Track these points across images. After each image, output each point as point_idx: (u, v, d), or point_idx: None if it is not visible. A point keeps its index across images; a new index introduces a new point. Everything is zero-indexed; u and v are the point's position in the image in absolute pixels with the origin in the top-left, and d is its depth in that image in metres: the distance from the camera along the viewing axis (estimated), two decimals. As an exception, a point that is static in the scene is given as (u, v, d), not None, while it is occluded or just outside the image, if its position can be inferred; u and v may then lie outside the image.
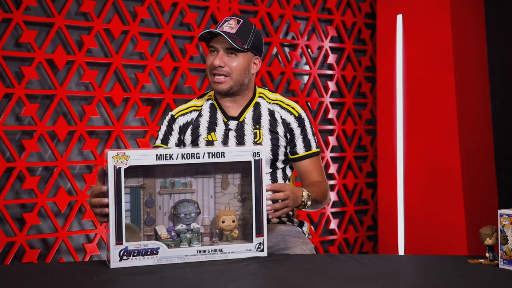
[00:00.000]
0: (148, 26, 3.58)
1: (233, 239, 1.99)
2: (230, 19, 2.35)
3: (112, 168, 1.85)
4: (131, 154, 1.87)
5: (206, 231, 2.01)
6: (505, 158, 3.85)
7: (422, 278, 1.80)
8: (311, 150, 2.44)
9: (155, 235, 1.96)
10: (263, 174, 1.96)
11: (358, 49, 4.32)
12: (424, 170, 3.88)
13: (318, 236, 4.04)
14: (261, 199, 1.96)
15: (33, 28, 3.24)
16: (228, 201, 2.03)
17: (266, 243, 1.97)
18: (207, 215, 2.01)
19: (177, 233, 1.96)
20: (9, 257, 3.12)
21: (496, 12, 3.90)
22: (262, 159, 1.96)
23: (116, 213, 1.86)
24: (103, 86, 3.40)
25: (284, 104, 2.45)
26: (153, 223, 1.97)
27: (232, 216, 1.99)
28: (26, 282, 1.76)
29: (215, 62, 2.33)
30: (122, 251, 1.86)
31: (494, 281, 1.75)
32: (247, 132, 2.39)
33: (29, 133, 3.23)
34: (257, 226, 1.96)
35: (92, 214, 3.33)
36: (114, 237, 1.85)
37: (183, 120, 2.45)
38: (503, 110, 3.88)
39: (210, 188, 2.02)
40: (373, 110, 4.34)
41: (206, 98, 2.49)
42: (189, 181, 2.00)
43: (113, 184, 1.85)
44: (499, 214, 1.88)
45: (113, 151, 1.86)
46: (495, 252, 1.94)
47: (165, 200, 1.99)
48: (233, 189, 2.03)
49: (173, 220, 1.98)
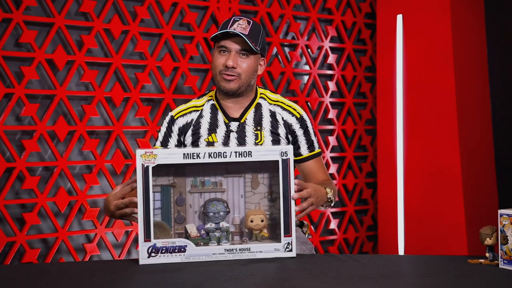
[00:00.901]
0: (148, 26, 3.58)
1: (262, 238, 2.01)
2: (240, 19, 2.32)
3: (140, 166, 1.88)
4: (159, 153, 1.90)
5: (237, 230, 2.03)
6: (505, 158, 3.85)
7: (422, 278, 1.80)
8: (314, 150, 2.44)
9: (185, 233, 1.99)
10: (291, 173, 1.97)
11: (358, 49, 4.32)
12: (424, 170, 3.88)
13: (318, 236, 4.04)
14: (289, 199, 1.97)
15: (33, 28, 3.24)
16: (258, 200, 2.04)
17: (294, 243, 1.98)
18: (237, 214, 2.03)
19: (207, 231, 1.99)
20: (9, 257, 3.12)
21: (496, 12, 3.90)
22: (290, 158, 1.97)
23: (144, 211, 1.89)
24: (103, 86, 3.40)
25: (285, 105, 2.44)
26: (183, 221, 2.00)
27: (260, 216, 2.00)
28: (26, 282, 1.76)
29: (228, 62, 2.29)
30: (150, 248, 1.89)
31: (494, 281, 1.75)
32: (248, 133, 2.38)
33: (29, 133, 3.23)
34: (285, 226, 1.97)
35: (92, 214, 3.33)
36: (143, 234, 1.89)
37: (183, 121, 2.42)
38: (503, 110, 3.88)
39: (240, 188, 2.04)
40: (373, 110, 4.34)
41: (207, 98, 2.46)
42: (219, 180, 2.03)
43: (142, 182, 1.89)
44: (499, 214, 1.88)
45: (141, 150, 1.89)
46: (495, 252, 1.94)
47: (195, 199, 2.02)
48: (263, 189, 2.04)
49: (203, 219, 2.00)
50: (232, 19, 2.32)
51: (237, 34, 2.27)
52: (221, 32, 2.29)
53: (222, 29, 2.30)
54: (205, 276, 1.78)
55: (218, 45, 2.33)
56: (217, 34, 2.30)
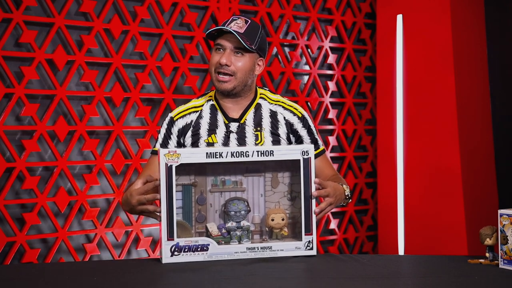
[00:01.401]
0: (148, 26, 3.58)
1: (283, 237, 2.02)
2: (238, 18, 2.33)
3: (164, 165, 1.91)
4: (182, 152, 1.93)
5: (256, 229, 2.05)
6: (505, 158, 3.85)
7: (422, 278, 1.81)
8: (319, 148, 2.45)
9: (206, 232, 2.01)
10: (312, 173, 1.99)
11: (358, 49, 4.32)
12: (424, 170, 3.88)
13: (318, 236, 4.04)
14: (310, 198, 1.99)
15: (33, 28, 3.24)
16: (278, 199, 2.06)
17: (315, 242, 1.99)
18: (257, 213, 2.05)
19: (227, 230, 2.01)
20: (9, 257, 3.12)
21: (496, 12, 3.90)
22: (311, 157, 2.00)
23: (168, 210, 1.91)
24: (103, 86, 3.40)
25: (286, 105, 2.44)
26: (204, 220, 2.02)
27: (281, 214, 2.02)
28: (26, 282, 1.76)
29: (221, 60, 2.30)
30: (173, 247, 1.92)
31: (494, 281, 1.75)
32: (248, 134, 2.37)
33: (29, 133, 3.23)
34: (306, 225, 1.99)
35: (92, 214, 3.33)
36: (166, 233, 1.91)
37: (183, 123, 2.40)
38: (503, 110, 3.88)
39: (260, 187, 2.06)
40: (373, 110, 4.34)
41: (206, 98, 2.45)
42: (239, 180, 2.05)
43: (165, 181, 1.91)
44: (499, 214, 1.88)
45: (165, 149, 1.92)
46: (495, 252, 1.94)
47: (216, 198, 2.04)
48: (283, 188, 2.06)
49: (224, 218, 2.02)
50: (231, 18, 2.34)
51: (232, 33, 2.28)
52: (216, 29, 2.30)
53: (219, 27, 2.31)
54: (205, 275, 1.78)
55: (215, 43, 2.36)
56: (211, 31, 2.31)
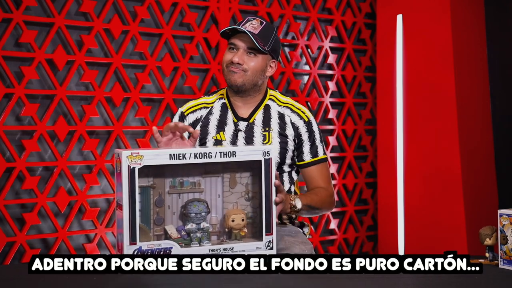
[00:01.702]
0: (148, 26, 3.58)
1: (241, 237, 2.01)
2: (253, 19, 2.33)
3: (126, 168, 1.85)
4: (145, 154, 1.87)
5: (214, 230, 2.02)
6: (505, 158, 3.85)
7: (422, 278, 1.80)
8: (317, 156, 2.41)
9: (165, 234, 1.97)
10: (272, 173, 1.98)
11: (358, 49, 4.32)
12: (424, 170, 3.88)
13: (318, 236, 4.04)
14: (271, 198, 1.98)
15: (33, 28, 3.24)
16: (235, 200, 2.04)
17: (275, 241, 1.98)
18: (215, 214, 2.02)
19: (188, 232, 1.97)
20: (9, 257, 3.12)
21: (496, 12, 3.90)
22: (272, 158, 1.98)
23: (130, 214, 1.86)
24: (103, 86, 3.40)
25: (294, 108, 2.43)
26: (162, 222, 1.98)
27: (241, 215, 2.00)
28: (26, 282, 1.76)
29: (234, 58, 2.31)
30: (135, 251, 1.86)
31: (494, 281, 1.75)
32: (256, 133, 2.37)
33: (29, 133, 3.23)
34: (266, 225, 1.97)
35: (92, 214, 3.33)
36: (128, 237, 1.86)
37: (193, 118, 2.42)
38: (503, 110, 3.88)
39: (218, 187, 2.03)
40: (373, 110, 4.34)
41: (218, 96, 2.46)
42: (197, 181, 2.01)
43: (127, 184, 1.85)
44: (499, 214, 1.88)
45: (127, 151, 1.85)
46: (495, 252, 1.94)
47: (174, 200, 1.99)
48: (240, 188, 2.04)
49: (183, 220, 1.99)
50: (246, 19, 2.34)
51: (246, 33, 2.28)
52: (230, 28, 2.31)
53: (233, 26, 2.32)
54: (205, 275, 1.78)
55: (228, 42, 2.36)
56: (225, 30, 2.31)
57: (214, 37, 3.72)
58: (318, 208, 2.33)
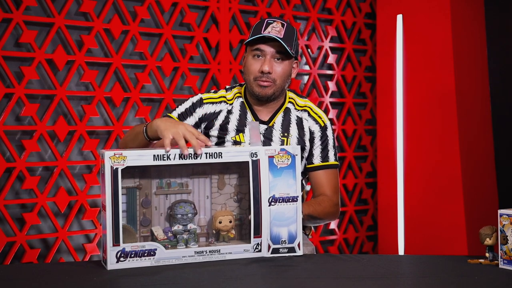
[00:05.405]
0: (148, 26, 3.58)
1: (229, 239, 1.98)
2: (273, 22, 2.23)
3: (109, 168, 1.83)
4: (128, 155, 1.84)
5: (202, 231, 1.99)
6: (505, 158, 3.85)
7: (422, 278, 1.80)
8: (328, 161, 2.36)
9: (151, 236, 1.95)
10: (261, 174, 1.95)
11: (358, 49, 4.32)
12: (424, 170, 3.88)
13: (318, 236, 4.04)
14: (260, 200, 1.94)
15: (33, 28, 3.24)
16: (224, 201, 2.01)
17: (265, 244, 1.96)
18: (203, 216, 2.00)
19: (174, 234, 1.95)
20: (9, 257, 3.12)
21: (496, 12, 3.91)
22: (260, 159, 1.94)
23: (113, 214, 1.84)
24: (103, 86, 3.40)
25: (312, 112, 2.37)
26: (149, 224, 1.95)
27: (229, 217, 1.98)
28: (26, 282, 1.76)
29: (264, 68, 2.21)
30: (119, 252, 1.84)
31: (494, 281, 1.75)
32: (275, 138, 2.31)
33: (29, 133, 3.23)
34: (255, 227, 1.94)
35: (92, 214, 3.33)
36: (111, 238, 1.83)
37: (210, 109, 2.33)
38: (503, 110, 3.88)
39: (206, 189, 2.00)
40: (373, 110, 4.34)
41: (235, 94, 2.37)
42: (185, 182, 1.99)
43: (110, 185, 1.83)
44: (499, 214, 1.88)
45: (110, 151, 1.83)
46: (495, 252, 1.94)
47: (161, 201, 1.97)
48: (229, 189, 2.01)
49: (169, 221, 1.98)
50: (265, 22, 2.24)
51: (273, 38, 2.19)
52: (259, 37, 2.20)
53: (255, 33, 2.22)
54: (205, 276, 1.78)
55: (252, 48, 2.24)
56: (253, 39, 2.21)
57: (214, 37, 3.72)
58: (320, 219, 2.26)
